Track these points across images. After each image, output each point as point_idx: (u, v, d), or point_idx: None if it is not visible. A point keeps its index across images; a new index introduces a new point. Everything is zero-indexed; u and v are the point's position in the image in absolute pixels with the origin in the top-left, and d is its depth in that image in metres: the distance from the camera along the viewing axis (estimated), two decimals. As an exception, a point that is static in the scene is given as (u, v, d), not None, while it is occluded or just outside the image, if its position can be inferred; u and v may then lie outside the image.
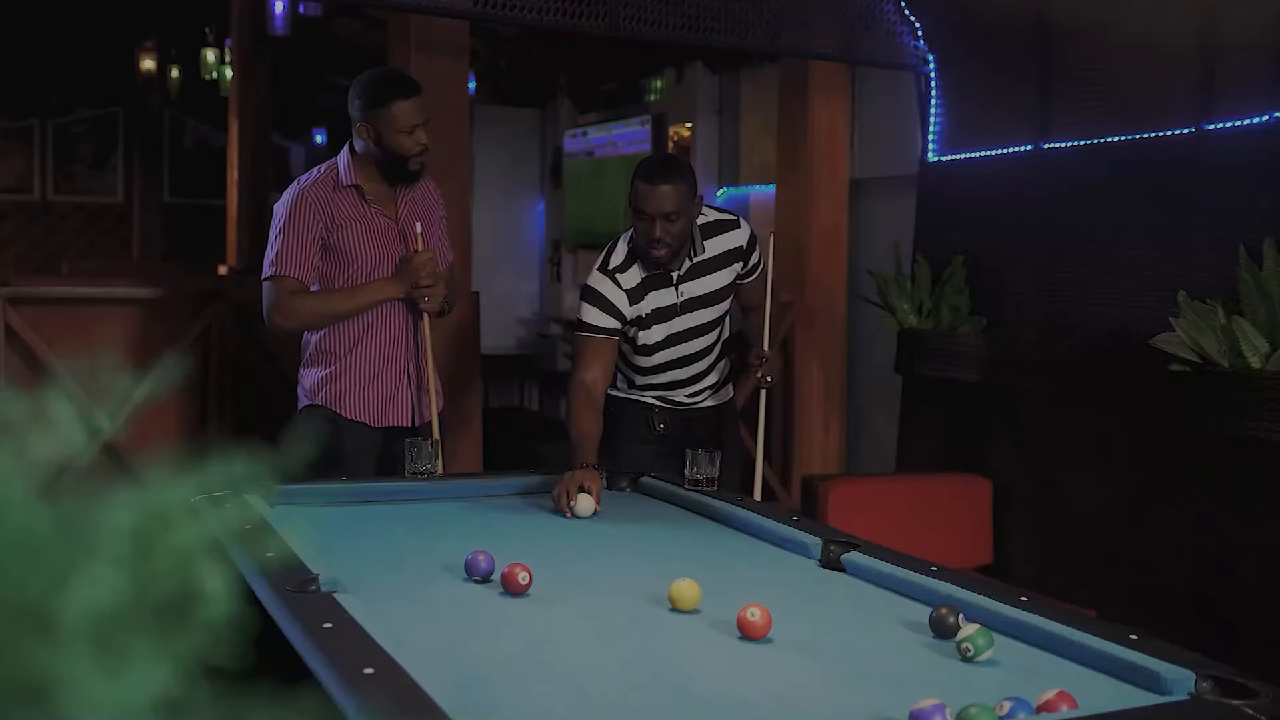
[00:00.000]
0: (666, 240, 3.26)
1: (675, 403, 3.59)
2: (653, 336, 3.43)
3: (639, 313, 3.39)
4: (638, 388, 3.57)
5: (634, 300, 3.38)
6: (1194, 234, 3.78)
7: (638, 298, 3.38)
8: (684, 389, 3.57)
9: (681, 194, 3.25)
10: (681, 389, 3.57)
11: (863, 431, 5.94)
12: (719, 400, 3.65)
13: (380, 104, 3.31)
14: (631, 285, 3.38)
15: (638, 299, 3.38)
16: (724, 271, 3.45)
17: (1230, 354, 3.31)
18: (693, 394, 3.59)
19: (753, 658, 1.85)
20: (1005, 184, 4.56)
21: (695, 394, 3.59)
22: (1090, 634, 1.84)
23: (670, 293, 3.40)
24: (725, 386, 3.69)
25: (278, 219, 3.37)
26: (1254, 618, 3.55)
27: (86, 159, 11.76)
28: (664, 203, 3.23)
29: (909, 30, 4.90)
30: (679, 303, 3.41)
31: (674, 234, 3.26)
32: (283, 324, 3.37)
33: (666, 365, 3.49)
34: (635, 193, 3.27)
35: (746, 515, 2.70)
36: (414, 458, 3.06)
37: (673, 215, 3.24)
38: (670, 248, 3.29)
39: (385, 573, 2.25)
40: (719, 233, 3.45)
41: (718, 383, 3.64)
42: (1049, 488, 4.30)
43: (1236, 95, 3.70)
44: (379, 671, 1.53)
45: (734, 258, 3.45)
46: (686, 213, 3.27)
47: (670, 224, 3.25)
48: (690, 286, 3.41)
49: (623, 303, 3.36)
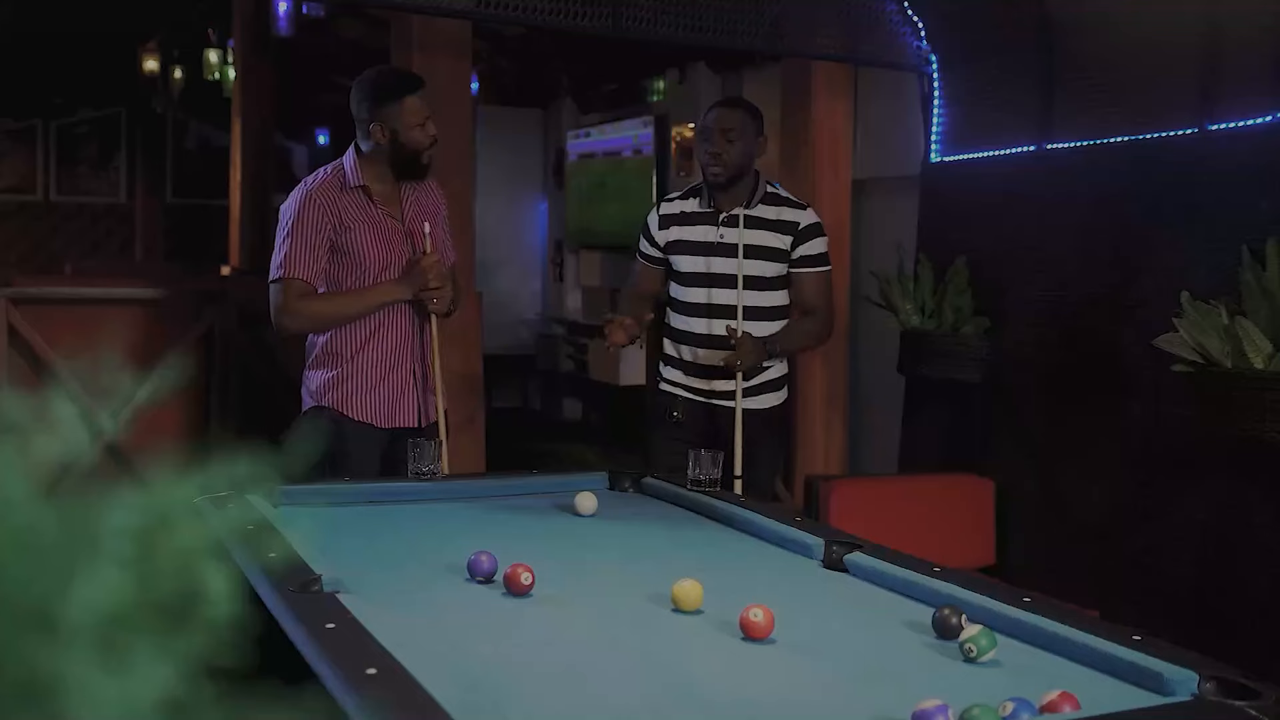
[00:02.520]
0: (724, 158, 3.55)
1: (701, 392, 3.60)
2: (682, 265, 3.68)
3: (668, 237, 3.69)
4: (673, 364, 3.73)
5: (664, 225, 3.71)
6: (1197, 234, 3.77)
7: (669, 223, 3.70)
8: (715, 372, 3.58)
9: (742, 119, 3.58)
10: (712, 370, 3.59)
11: (865, 432, 5.94)
12: (756, 405, 3.64)
13: (391, 100, 3.34)
14: (669, 211, 3.72)
15: (669, 224, 3.70)
16: (771, 234, 3.61)
17: (1233, 354, 3.30)
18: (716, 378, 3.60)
19: (755, 658, 1.85)
20: (1008, 184, 4.55)
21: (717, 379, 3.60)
22: (1093, 634, 1.84)
23: (712, 230, 3.64)
24: (764, 395, 3.67)
25: (285, 220, 3.36)
26: (1258, 618, 3.55)
27: (89, 159, 11.77)
28: (725, 119, 3.56)
29: (912, 31, 4.89)
30: (717, 242, 3.62)
31: (732, 155, 3.55)
32: (290, 326, 3.38)
33: (699, 309, 3.65)
34: (704, 117, 3.65)
35: (749, 516, 2.70)
36: (417, 458, 3.06)
37: (731, 135, 3.54)
38: (725, 167, 3.56)
39: (388, 573, 2.25)
40: (782, 204, 3.67)
41: (755, 382, 3.63)
42: (1052, 488, 4.29)
43: (1240, 96, 3.69)
44: (381, 672, 1.53)
45: (786, 229, 3.62)
46: (745, 140, 3.56)
47: (729, 144, 3.54)
48: (732, 233, 3.59)
49: (654, 225, 3.72)
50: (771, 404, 3.72)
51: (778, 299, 3.69)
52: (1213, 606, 3.69)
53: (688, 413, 3.69)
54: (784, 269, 3.66)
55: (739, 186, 3.66)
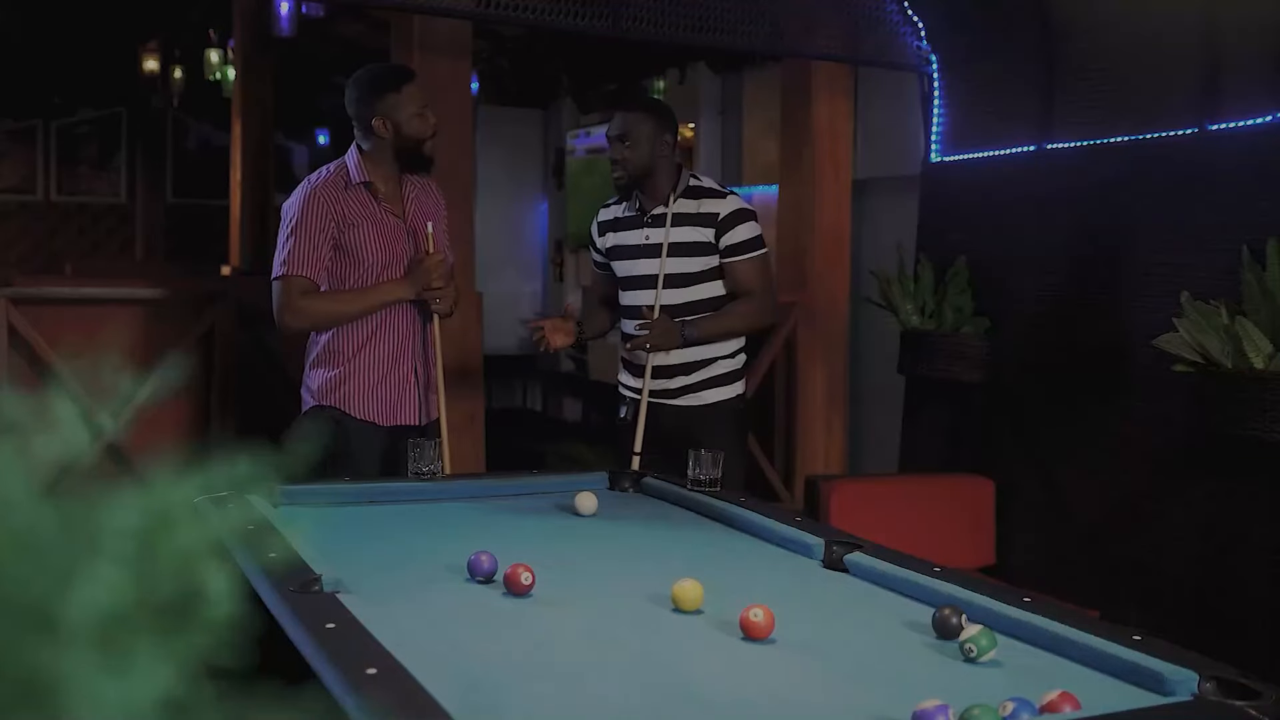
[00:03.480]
0: (621, 162, 3.58)
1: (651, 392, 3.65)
2: (619, 270, 3.72)
3: (606, 244, 3.76)
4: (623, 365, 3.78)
5: (602, 231, 3.78)
6: (1197, 234, 3.77)
7: (605, 230, 3.76)
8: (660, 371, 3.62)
9: (635, 121, 3.57)
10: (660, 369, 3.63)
11: (865, 432, 5.94)
12: (696, 400, 3.65)
13: (390, 90, 3.38)
14: (605, 218, 3.78)
15: (605, 231, 3.76)
16: (692, 229, 3.61)
17: (1233, 354, 3.30)
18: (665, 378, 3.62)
19: (755, 658, 1.85)
20: (1008, 184, 4.55)
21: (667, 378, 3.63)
22: (1093, 635, 1.84)
23: (639, 234, 3.67)
24: (709, 390, 3.67)
25: (288, 218, 3.37)
26: (1257, 618, 3.55)
27: (90, 159, 11.77)
28: (617, 125, 3.59)
29: (912, 31, 4.89)
30: (644, 244, 3.65)
31: (630, 160, 3.56)
32: (293, 324, 3.38)
33: (630, 310, 3.71)
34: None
35: (749, 516, 2.70)
36: (417, 458, 3.06)
37: (626, 139, 3.56)
38: (626, 173, 3.58)
39: (388, 573, 2.25)
40: (703, 195, 3.64)
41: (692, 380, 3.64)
42: (1052, 488, 4.29)
43: (1240, 96, 3.69)
44: (382, 672, 1.53)
45: (707, 221, 3.60)
46: (643, 142, 3.56)
47: (624, 148, 3.56)
48: (657, 233, 3.62)
49: (595, 233, 3.81)
50: (717, 399, 3.66)
51: (704, 292, 3.62)
52: (1213, 606, 3.69)
53: (635, 414, 3.66)
54: (711, 262, 3.61)
55: (655, 186, 3.62)
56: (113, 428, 4.26)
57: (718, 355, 3.67)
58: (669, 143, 3.61)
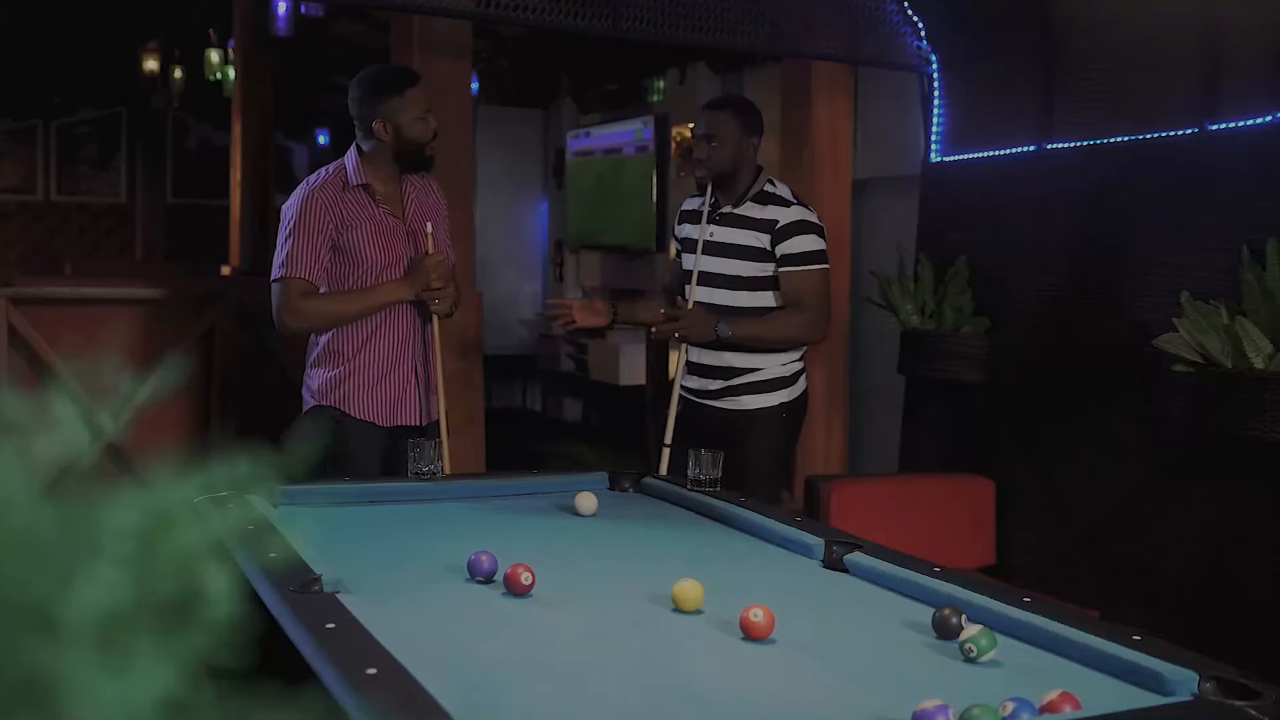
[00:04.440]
0: (705, 161, 3.62)
1: (693, 391, 3.68)
2: (686, 263, 3.76)
3: (680, 234, 3.86)
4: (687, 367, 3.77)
5: (680, 221, 3.88)
6: (1197, 234, 3.77)
7: (682, 220, 3.87)
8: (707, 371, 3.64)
9: (725, 120, 3.62)
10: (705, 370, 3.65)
11: (865, 432, 5.94)
12: (735, 405, 3.66)
13: (393, 93, 3.38)
14: (686, 209, 3.88)
15: (681, 221, 3.87)
16: (750, 233, 3.63)
17: (1233, 355, 3.30)
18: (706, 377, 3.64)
19: (755, 658, 1.85)
20: (1008, 184, 4.55)
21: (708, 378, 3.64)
22: (1093, 635, 1.84)
23: (705, 229, 3.70)
24: (749, 396, 3.66)
25: (287, 220, 3.37)
26: (1257, 618, 3.55)
27: (90, 159, 11.78)
28: (708, 124, 3.62)
29: (912, 30, 4.89)
30: (704, 240, 3.69)
31: (714, 159, 3.61)
32: (292, 325, 3.39)
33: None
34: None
35: (749, 516, 2.70)
36: (417, 458, 3.07)
37: (713, 140, 3.61)
38: (707, 170, 3.63)
39: (388, 573, 2.25)
40: (769, 203, 3.67)
41: (734, 383, 3.65)
42: (1052, 488, 4.29)
43: (1240, 95, 3.69)
44: (382, 672, 1.53)
45: (766, 227, 3.62)
46: (729, 143, 3.61)
47: (711, 147, 3.61)
48: (719, 231, 3.67)
49: (677, 220, 3.92)
50: (758, 405, 3.65)
51: (752, 300, 3.63)
52: (1213, 606, 3.68)
53: (683, 413, 3.69)
54: (766, 269, 3.62)
55: (735, 185, 3.68)
56: (113, 428, 4.26)
57: (764, 364, 3.64)
58: (754, 145, 3.68)
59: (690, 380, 3.71)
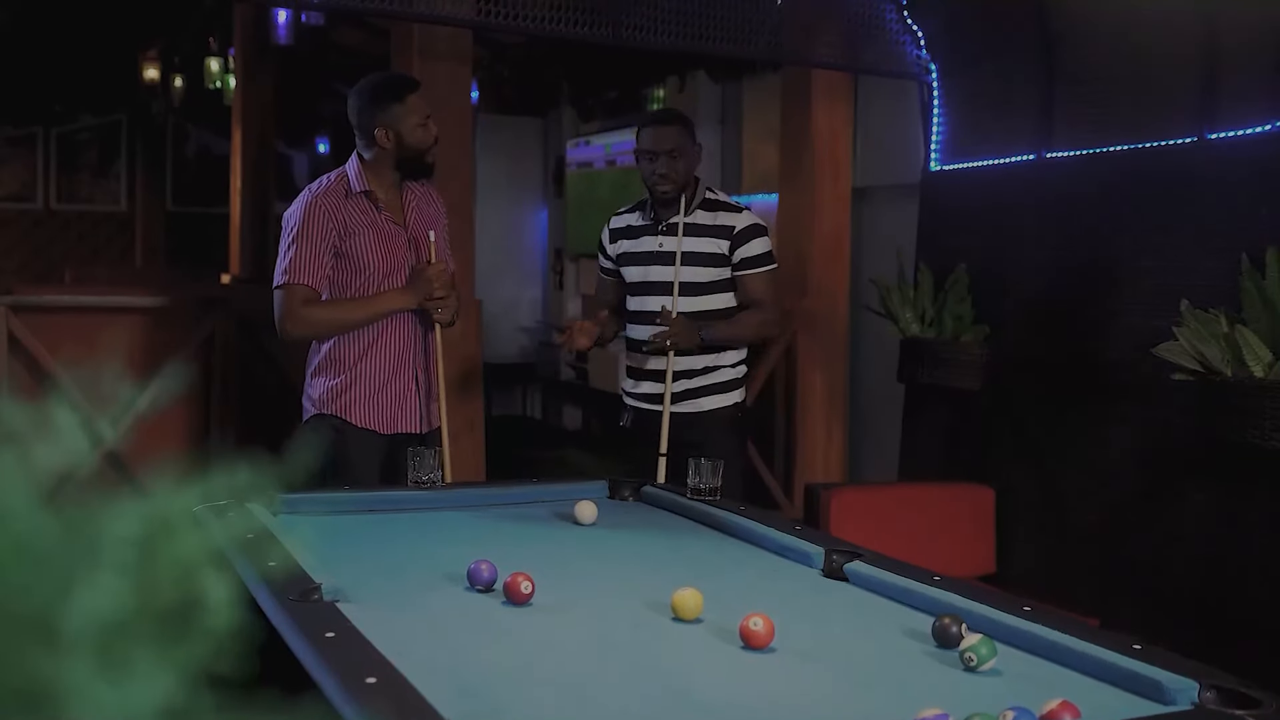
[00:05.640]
0: (672, 176, 3.67)
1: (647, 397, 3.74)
2: (630, 275, 3.82)
3: (617, 250, 3.86)
4: (628, 372, 3.84)
5: (613, 239, 3.88)
6: (1196, 243, 3.77)
7: (617, 237, 3.87)
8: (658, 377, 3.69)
9: (679, 134, 3.70)
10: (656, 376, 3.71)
11: (865, 440, 5.94)
12: (694, 407, 3.73)
13: (394, 100, 3.39)
14: (617, 226, 3.89)
15: (616, 238, 3.87)
16: (708, 240, 3.72)
17: (1233, 363, 3.30)
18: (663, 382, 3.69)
19: (755, 667, 1.85)
20: (1007, 192, 4.56)
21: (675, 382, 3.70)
22: (1093, 643, 1.84)
23: (654, 240, 3.77)
24: (709, 396, 3.75)
25: (289, 227, 3.38)
26: (1258, 627, 3.54)
27: (90, 167, 11.79)
28: (666, 139, 3.67)
29: (911, 39, 4.90)
30: (657, 251, 3.75)
31: (678, 171, 3.67)
32: (295, 332, 3.39)
33: (640, 316, 3.77)
34: (642, 138, 3.72)
35: (749, 524, 2.70)
36: (417, 466, 3.06)
37: (675, 152, 3.66)
38: (675, 183, 3.68)
39: (388, 582, 2.25)
40: (719, 209, 3.76)
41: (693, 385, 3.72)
42: (1052, 496, 4.29)
43: (1239, 104, 3.70)
44: (381, 681, 1.53)
45: (723, 234, 3.72)
46: (686, 154, 3.69)
47: (674, 160, 3.67)
48: (672, 241, 3.72)
49: (606, 239, 3.91)
50: (714, 406, 3.76)
51: (715, 303, 3.75)
52: (1213, 615, 3.68)
53: (636, 420, 3.80)
54: (724, 273, 3.74)
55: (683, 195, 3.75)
56: (113, 436, 4.25)
57: (719, 364, 3.76)
58: (699, 154, 3.77)
59: (643, 386, 3.77)
